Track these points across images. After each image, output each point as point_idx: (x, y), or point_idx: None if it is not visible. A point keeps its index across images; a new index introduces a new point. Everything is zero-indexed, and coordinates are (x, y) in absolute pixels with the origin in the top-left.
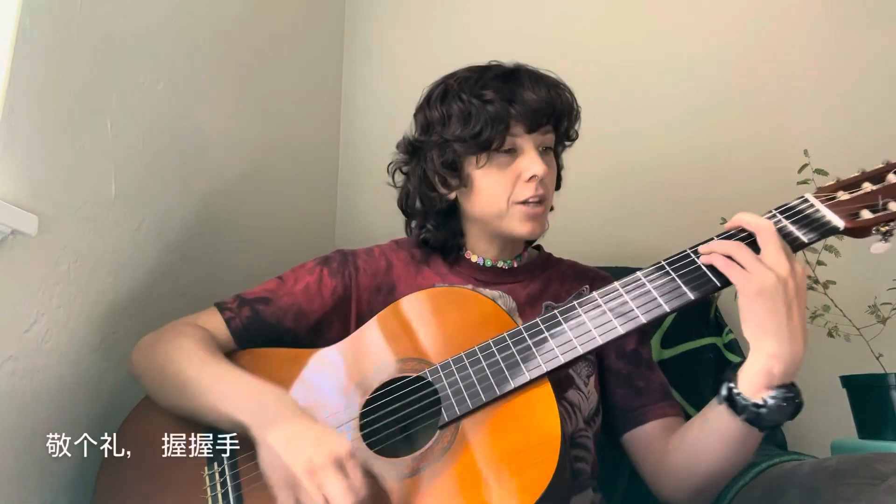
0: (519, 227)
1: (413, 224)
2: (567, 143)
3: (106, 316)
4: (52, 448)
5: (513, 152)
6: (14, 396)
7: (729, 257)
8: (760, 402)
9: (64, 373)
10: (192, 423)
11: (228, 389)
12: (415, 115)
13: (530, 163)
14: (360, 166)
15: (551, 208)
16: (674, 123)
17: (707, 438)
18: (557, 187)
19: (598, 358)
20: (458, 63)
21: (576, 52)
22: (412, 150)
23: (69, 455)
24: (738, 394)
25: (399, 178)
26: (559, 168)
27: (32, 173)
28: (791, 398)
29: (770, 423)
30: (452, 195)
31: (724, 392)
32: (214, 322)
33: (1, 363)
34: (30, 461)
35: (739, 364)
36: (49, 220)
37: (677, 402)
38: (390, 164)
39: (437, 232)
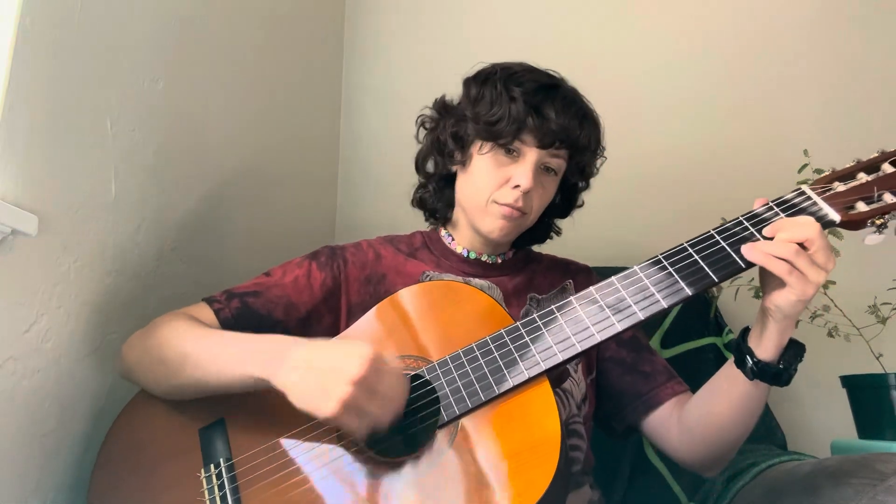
0: (489, 223)
1: (418, 185)
2: (581, 182)
3: (106, 316)
4: (51, 448)
5: (515, 155)
6: (14, 396)
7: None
8: (787, 366)
9: (64, 373)
10: (187, 420)
11: (233, 351)
12: (463, 84)
13: (521, 173)
14: (360, 166)
15: (558, 231)
16: (673, 123)
17: (729, 408)
18: (564, 215)
19: (595, 350)
20: (457, 62)
21: (575, 52)
22: (441, 110)
23: (69, 455)
24: (766, 364)
25: (422, 134)
26: (573, 203)
27: (32, 173)
28: (801, 349)
29: (792, 376)
30: (453, 168)
31: (753, 369)
32: (203, 314)
33: (1, 363)
34: (30, 461)
35: (741, 340)
36: (49, 220)
37: (681, 378)
38: (419, 115)
39: (433, 195)
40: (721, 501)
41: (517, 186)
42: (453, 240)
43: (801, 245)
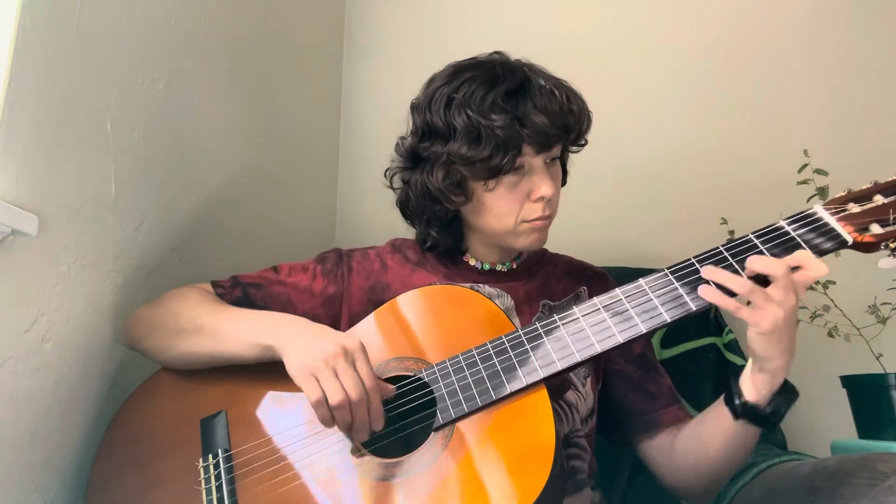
0: (525, 241)
1: (414, 225)
2: (573, 149)
3: (106, 316)
4: (51, 448)
5: (521, 170)
6: (14, 396)
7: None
8: (774, 411)
9: (64, 373)
10: (189, 411)
11: (248, 322)
12: (412, 110)
13: (539, 184)
14: (359, 166)
15: None
16: (674, 124)
17: (718, 444)
18: (563, 183)
19: (604, 361)
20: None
21: (576, 53)
22: (414, 157)
23: (69, 455)
24: (753, 406)
25: (396, 181)
26: (564, 166)
27: (32, 173)
28: (792, 395)
29: (780, 420)
30: (455, 208)
31: (738, 409)
32: None
33: (1, 363)
34: (30, 461)
35: (736, 375)
36: (49, 220)
37: (684, 404)
38: (388, 169)
39: (439, 238)
40: (721, 501)
41: (541, 198)
42: (465, 253)
43: (766, 278)
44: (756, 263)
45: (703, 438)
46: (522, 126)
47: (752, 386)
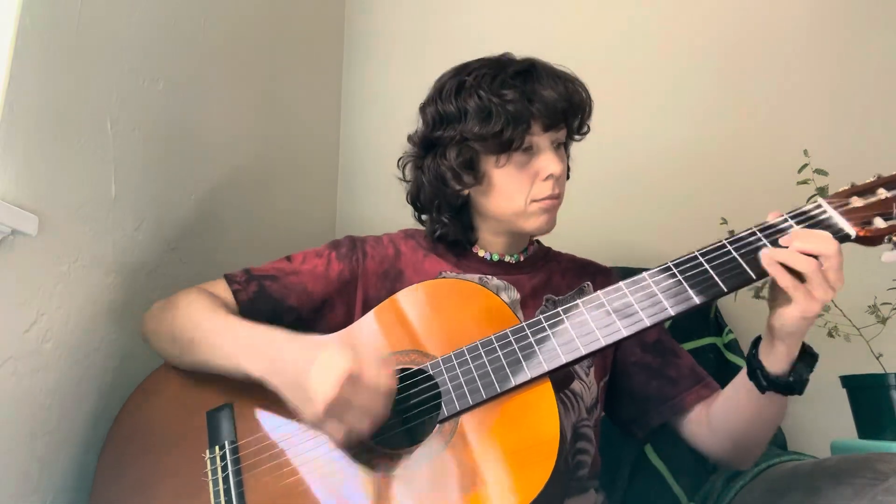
0: (535, 222)
1: (424, 218)
2: (577, 137)
3: (106, 316)
4: (51, 448)
5: (530, 150)
6: (14, 396)
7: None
8: (797, 378)
9: (64, 373)
10: (196, 403)
11: (238, 344)
12: (423, 108)
13: (548, 162)
14: (360, 166)
15: None
16: (674, 124)
17: (750, 414)
18: (567, 177)
19: (611, 354)
20: (457, 62)
21: (576, 54)
22: (427, 144)
23: (69, 455)
24: (776, 377)
25: (409, 172)
26: (567, 159)
27: (32, 173)
28: (812, 358)
29: (805, 385)
30: (466, 192)
31: (764, 384)
32: (222, 292)
33: (1, 363)
34: (29, 461)
35: (753, 353)
36: (49, 220)
37: (710, 378)
38: (401, 158)
39: (450, 226)
40: (721, 501)
41: (549, 176)
42: (474, 244)
43: (815, 258)
44: (801, 240)
45: (733, 412)
46: (531, 102)
47: (774, 359)
